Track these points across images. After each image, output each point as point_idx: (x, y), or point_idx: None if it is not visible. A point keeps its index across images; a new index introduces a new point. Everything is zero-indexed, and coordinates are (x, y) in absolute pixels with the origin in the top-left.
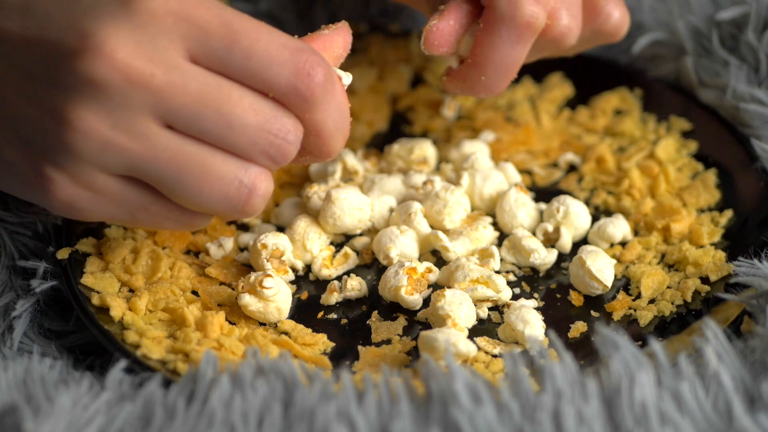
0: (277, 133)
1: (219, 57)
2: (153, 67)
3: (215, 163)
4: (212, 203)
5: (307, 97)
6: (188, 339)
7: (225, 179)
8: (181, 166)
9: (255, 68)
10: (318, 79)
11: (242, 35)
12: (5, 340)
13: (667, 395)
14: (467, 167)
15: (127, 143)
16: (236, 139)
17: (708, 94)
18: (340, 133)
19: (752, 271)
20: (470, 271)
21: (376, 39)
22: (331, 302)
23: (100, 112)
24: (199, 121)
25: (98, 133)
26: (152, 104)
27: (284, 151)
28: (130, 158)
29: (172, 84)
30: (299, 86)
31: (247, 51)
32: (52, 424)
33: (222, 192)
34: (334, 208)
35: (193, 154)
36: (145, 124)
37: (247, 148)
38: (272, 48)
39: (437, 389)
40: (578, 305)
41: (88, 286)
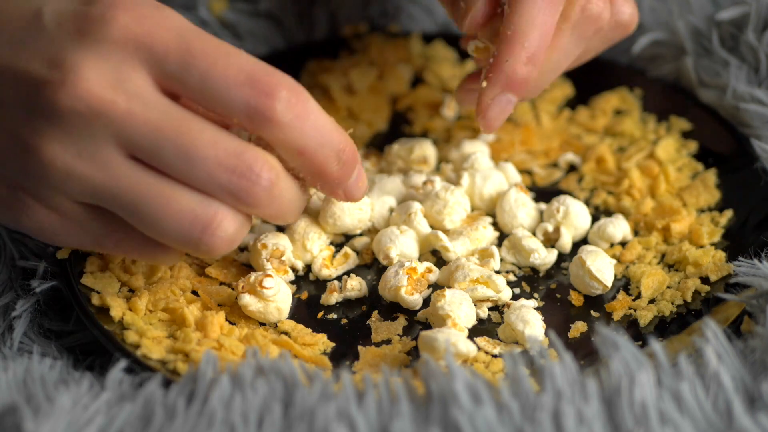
0: (238, 171)
1: (177, 79)
2: (115, 96)
3: (174, 195)
4: (169, 236)
5: (269, 117)
6: (188, 339)
7: (181, 212)
8: (139, 196)
9: (212, 91)
10: (280, 98)
11: (199, 58)
12: (5, 340)
13: (667, 395)
14: (467, 167)
15: (89, 172)
16: (195, 174)
17: (708, 94)
18: (326, 148)
19: (752, 271)
20: (470, 271)
21: (376, 39)
22: (331, 302)
23: (64, 141)
24: (159, 152)
25: (61, 161)
26: (115, 133)
27: (249, 191)
28: (91, 186)
29: (133, 113)
30: (258, 107)
31: (204, 74)
32: (52, 424)
33: (177, 225)
34: (334, 208)
35: (153, 185)
36: (107, 153)
37: (206, 183)
38: (229, 71)
39: (437, 389)
40: (578, 305)
41: (88, 286)
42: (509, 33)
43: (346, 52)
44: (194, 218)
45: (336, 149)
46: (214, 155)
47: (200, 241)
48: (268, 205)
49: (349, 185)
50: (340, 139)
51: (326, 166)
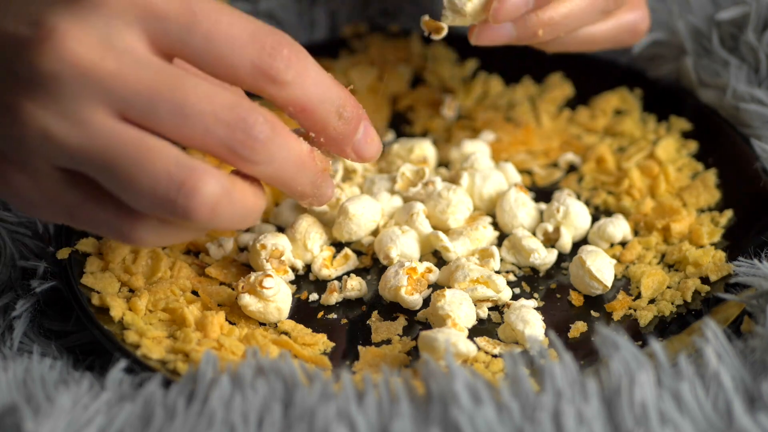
0: (234, 123)
1: (179, 41)
2: (104, 54)
3: (153, 151)
4: (142, 195)
5: (273, 75)
6: (188, 339)
7: (157, 169)
8: (117, 153)
9: (216, 51)
10: (282, 56)
11: (202, 18)
12: (5, 340)
13: (667, 395)
14: (467, 167)
15: (66, 131)
16: (191, 130)
17: (708, 94)
18: (327, 103)
19: (752, 271)
20: (470, 271)
21: (376, 39)
22: (331, 302)
23: (45, 102)
24: (152, 110)
25: (41, 122)
26: (102, 94)
27: (248, 144)
28: (68, 147)
29: (123, 72)
30: (263, 67)
31: (207, 34)
32: (52, 424)
33: (151, 183)
34: (352, 224)
35: (133, 143)
36: (89, 112)
37: (202, 139)
38: (233, 30)
39: (437, 389)
40: (578, 305)
41: (88, 286)
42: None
43: (346, 52)
44: (170, 175)
45: (336, 104)
46: (210, 110)
47: (175, 202)
48: (269, 162)
49: (357, 142)
50: (341, 95)
51: (329, 122)
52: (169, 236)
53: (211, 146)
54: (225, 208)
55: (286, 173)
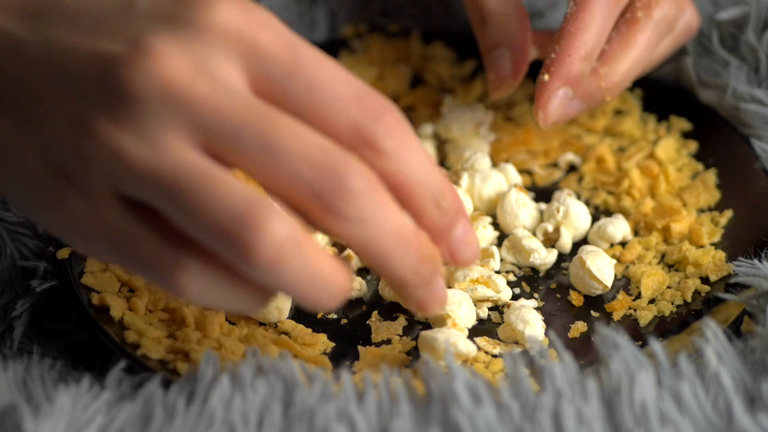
0: (327, 167)
1: (279, 85)
2: (197, 80)
3: (225, 184)
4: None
5: (372, 141)
6: (188, 339)
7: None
8: (187, 180)
9: (316, 103)
10: (385, 122)
11: (307, 66)
12: (5, 340)
13: (667, 395)
14: (467, 168)
15: (137, 152)
16: (275, 167)
17: (708, 94)
18: (427, 187)
19: (752, 271)
20: (470, 271)
21: (376, 39)
22: None
23: (125, 121)
24: (236, 142)
25: (114, 141)
26: (185, 117)
27: (339, 194)
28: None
29: (213, 100)
30: (363, 128)
31: (310, 83)
32: (52, 424)
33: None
34: None
35: (203, 172)
36: (167, 136)
37: (287, 180)
38: (337, 85)
39: (437, 389)
40: (578, 305)
41: (88, 286)
42: (572, 29)
43: (346, 52)
44: (235, 207)
45: (435, 190)
46: (300, 149)
47: (237, 235)
48: (359, 218)
49: (454, 241)
50: (441, 182)
51: (424, 208)
52: (214, 289)
53: (295, 189)
54: (291, 258)
55: (380, 243)
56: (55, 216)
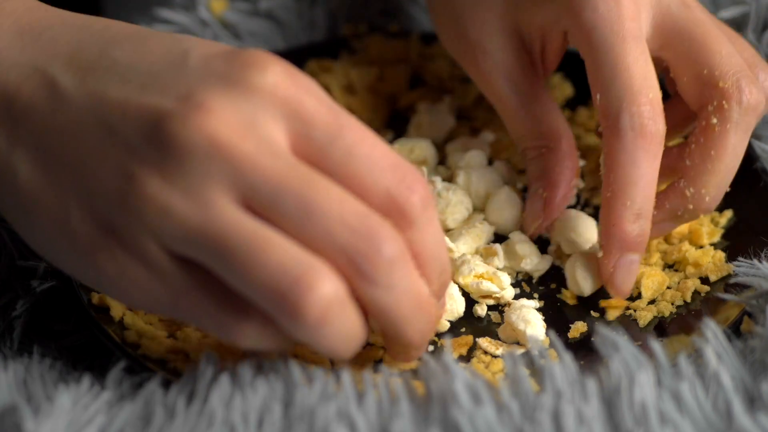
0: (363, 232)
1: (319, 149)
2: (244, 139)
3: (274, 244)
4: (258, 289)
5: (406, 210)
6: (188, 339)
7: (274, 260)
8: (234, 241)
9: (355, 169)
10: (418, 196)
11: (348, 132)
12: (5, 340)
13: (667, 395)
14: (462, 166)
15: (186, 210)
16: (313, 229)
17: None
18: (438, 261)
19: (752, 271)
20: (476, 266)
21: (376, 39)
22: None
23: (172, 176)
24: (278, 202)
25: (163, 197)
26: (232, 177)
27: (368, 256)
28: (184, 226)
29: (257, 160)
30: (398, 198)
31: (350, 149)
32: (52, 424)
33: (269, 277)
34: None
35: (254, 232)
36: (214, 195)
37: (323, 241)
38: (376, 153)
39: (437, 389)
40: (572, 303)
41: (88, 286)
42: (609, 195)
43: (346, 52)
44: (285, 268)
45: (442, 266)
46: (338, 212)
47: (287, 296)
48: (388, 286)
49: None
50: (446, 258)
51: (432, 279)
52: (269, 340)
53: (331, 252)
54: (336, 317)
55: (402, 309)
56: (101, 271)
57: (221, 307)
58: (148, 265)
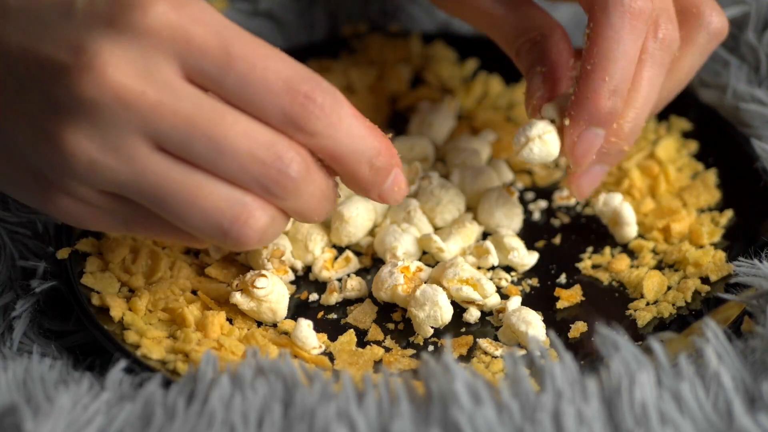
0: (270, 161)
1: (212, 80)
2: (144, 86)
3: (202, 188)
4: (198, 229)
5: (303, 126)
6: (188, 339)
7: (208, 206)
8: (166, 191)
9: (248, 96)
10: (315, 106)
11: (237, 60)
12: (5, 340)
13: (667, 395)
14: (458, 164)
15: (114, 165)
16: (227, 166)
17: (708, 94)
18: (359, 154)
19: (752, 271)
20: (462, 271)
21: (376, 39)
22: (331, 302)
23: (89, 132)
24: (189, 144)
25: (86, 153)
26: (142, 124)
27: (282, 183)
28: (117, 180)
29: (163, 104)
30: (294, 115)
31: (241, 78)
32: (52, 424)
33: (205, 219)
34: (349, 227)
35: (181, 179)
36: (134, 145)
37: (238, 176)
38: (268, 75)
39: (437, 389)
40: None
41: (88, 286)
42: (589, 67)
43: (346, 52)
44: (222, 212)
45: (369, 155)
46: (247, 147)
47: (228, 234)
48: (297, 198)
49: (384, 190)
50: (374, 145)
51: (358, 172)
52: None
53: (245, 183)
54: (270, 233)
55: (308, 208)
56: (50, 211)
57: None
58: (91, 205)
